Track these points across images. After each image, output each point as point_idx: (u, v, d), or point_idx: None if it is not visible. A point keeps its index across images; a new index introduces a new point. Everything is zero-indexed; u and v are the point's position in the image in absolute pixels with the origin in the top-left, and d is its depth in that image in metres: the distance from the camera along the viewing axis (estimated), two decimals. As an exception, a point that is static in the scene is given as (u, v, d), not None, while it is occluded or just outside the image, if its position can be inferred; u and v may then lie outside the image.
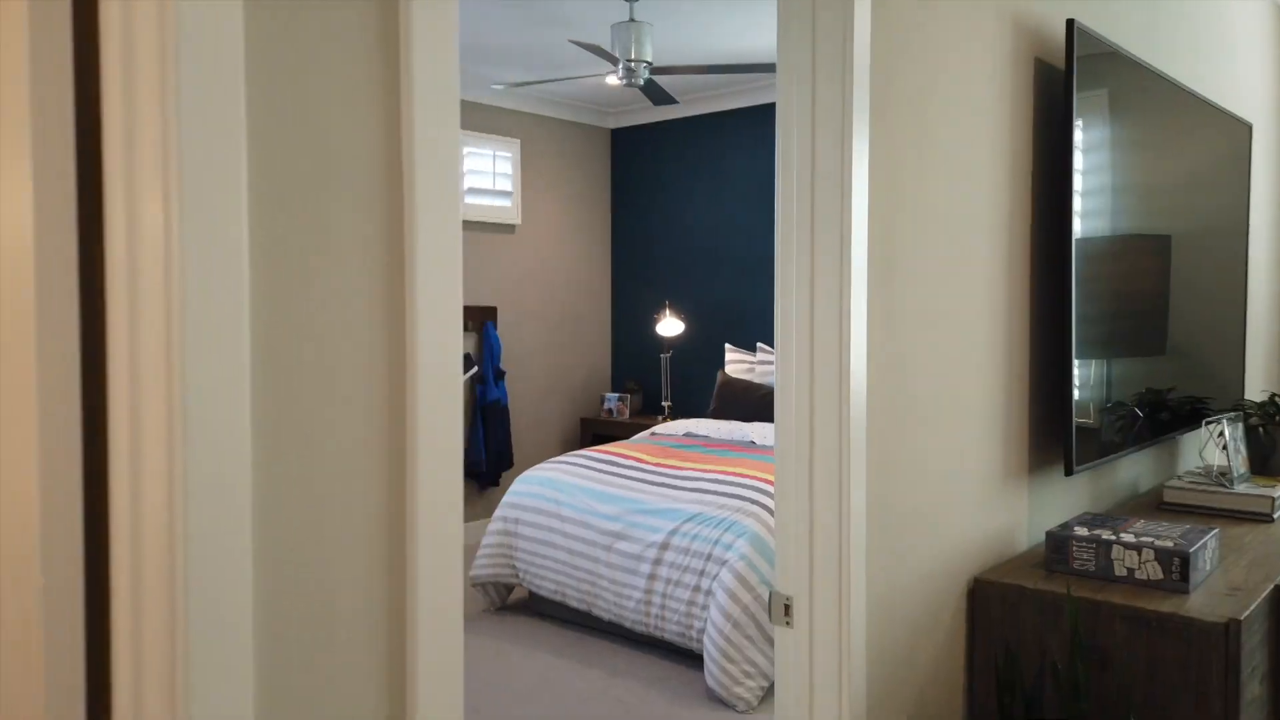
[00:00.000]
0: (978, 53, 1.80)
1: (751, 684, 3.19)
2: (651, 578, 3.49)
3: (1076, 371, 2.02)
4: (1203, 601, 1.69)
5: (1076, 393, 2.03)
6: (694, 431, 4.60)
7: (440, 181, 0.95)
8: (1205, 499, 2.41)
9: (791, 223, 1.51)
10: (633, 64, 3.65)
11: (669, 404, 5.64)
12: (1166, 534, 1.86)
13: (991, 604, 1.83)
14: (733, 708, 3.19)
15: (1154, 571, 1.77)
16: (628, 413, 5.77)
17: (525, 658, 3.63)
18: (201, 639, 0.78)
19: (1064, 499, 2.24)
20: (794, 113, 1.51)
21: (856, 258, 1.46)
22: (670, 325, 5.52)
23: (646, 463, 4.07)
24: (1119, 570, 1.81)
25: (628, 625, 3.59)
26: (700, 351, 5.71)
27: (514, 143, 5.45)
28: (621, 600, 3.59)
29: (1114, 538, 1.83)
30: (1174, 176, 2.56)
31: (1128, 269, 2.39)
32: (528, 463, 5.65)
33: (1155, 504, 2.52)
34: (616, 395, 5.78)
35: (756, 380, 4.89)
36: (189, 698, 0.77)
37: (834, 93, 1.46)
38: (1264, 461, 2.64)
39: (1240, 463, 2.49)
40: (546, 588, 3.88)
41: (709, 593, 3.33)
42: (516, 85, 3.82)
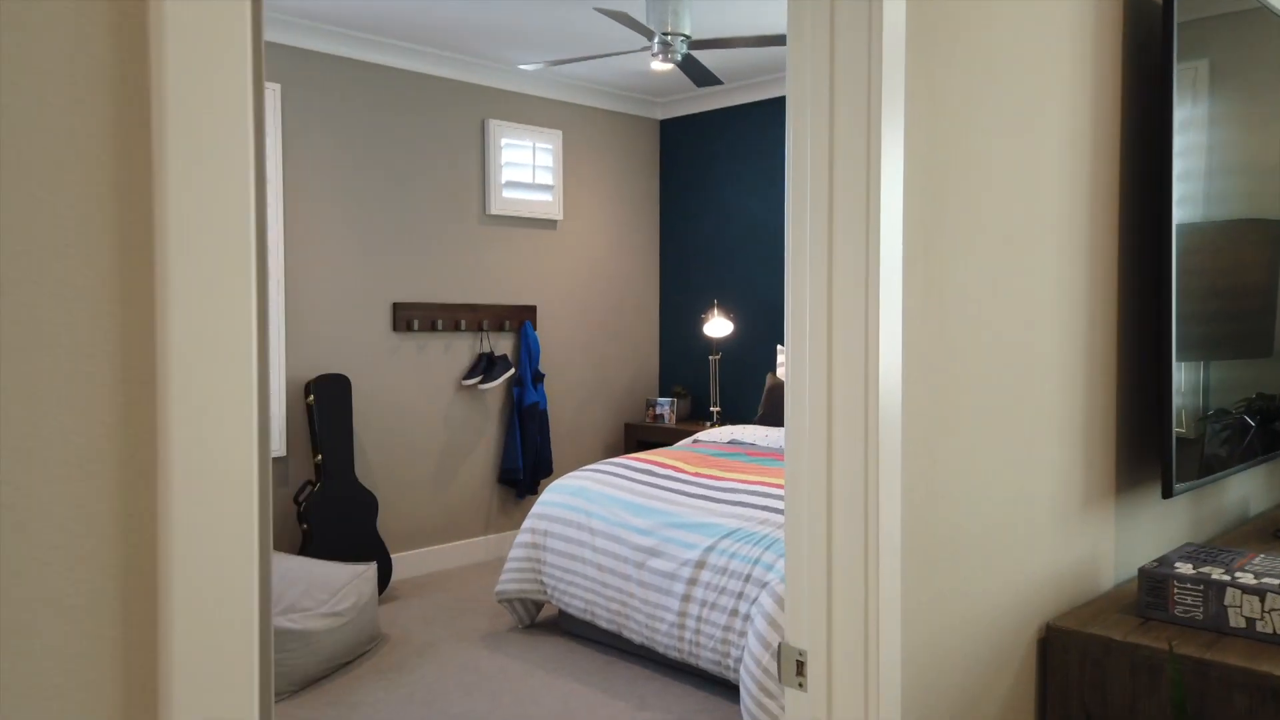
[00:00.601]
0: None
1: (793, 723, 2.85)
2: (686, 599, 3.18)
3: (1176, 374, 1.65)
4: (1348, 665, 1.31)
5: (1176, 398, 1.66)
6: (739, 439, 4.27)
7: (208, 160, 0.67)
8: (1335, 527, 1.99)
9: (805, 184, 1.19)
10: (669, 38, 3.35)
11: (717, 409, 5.31)
12: (1295, 574, 1.48)
13: (1069, 659, 1.48)
14: (771, 749, 2.86)
15: (1281, 623, 1.39)
16: (675, 418, 5.46)
17: (548, 684, 3.35)
18: None
19: (1160, 526, 1.86)
20: (807, 44, 1.19)
21: (886, 226, 1.14)
22: (719, 325, 5.20)
23: (684, 472, 3.76)
24: (1235, 621, 1.44)
25: (660, 650, 3.28)
26: (750, 353, 5.37)
27: (555, 134, 5.19)
28: (653, 622, 3.28)
29: (1228, 578, 1.46)
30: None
31: (1233, 258, 1.99)
32: (569, 470, 5.38)
33: (1271, 532, 2.11)
34: (667, 400, 5.47)
35: (809, 384, 4.53)
36: None
37: (858, 11, 1.14)
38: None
39: (1378, 484, 2.07)
40: (575, 606, 3.60)
41: (747, 618, 3.00)
42: (550, 64, 3.55)
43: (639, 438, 5.47)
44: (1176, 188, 1.65)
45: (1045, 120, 1.45)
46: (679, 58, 3.46)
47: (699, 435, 4.48)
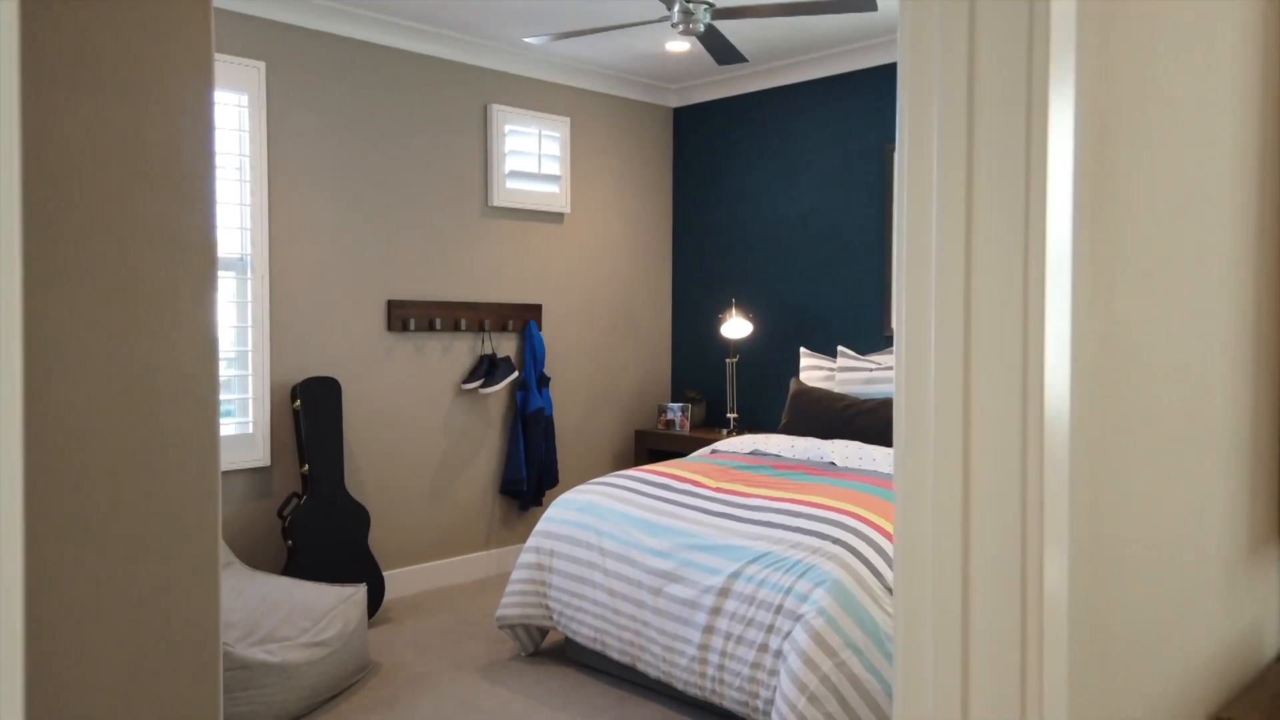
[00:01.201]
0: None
1: (832, 777, 2.51)
2: (708, 630, 2.84)
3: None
4: None
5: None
6: (762, 449, 3.93)
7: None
8: None
9: (929, 119, 0.86)
10: (691, 5, 3.02)
11: (734, 415, 4.97)
12: None
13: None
14: (808, 806, 2.52)
15: None
16: (688, 425, 5.12)
17: (554, 722, 3.01)
18: None
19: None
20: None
21: (1055, 179, 0.80)
22: (737, 326, 4.86)
23: (705, 486, 3.42)
24: None
25: (679, 687, 2.94)
26: (772, 356, 5.03)
27: (563, 121, 4.86)
28: (672, 656, 2.95)
29: None
30: None
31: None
32: (575, 480, 5.04)
33: None
34: (678, 405, 5.13)
35: (837, 389, 4.19)
36: None
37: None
38: None
39: None
40: (584, 634, 3.26)
41: (779, 654, 2.66)
42: (557, 37, 3.22)
43: (650, 446, 5.13)
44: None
45: (1220, 50, 1.12)
46: (701, 28, 3.13)
47: (717, 445, 4.14)
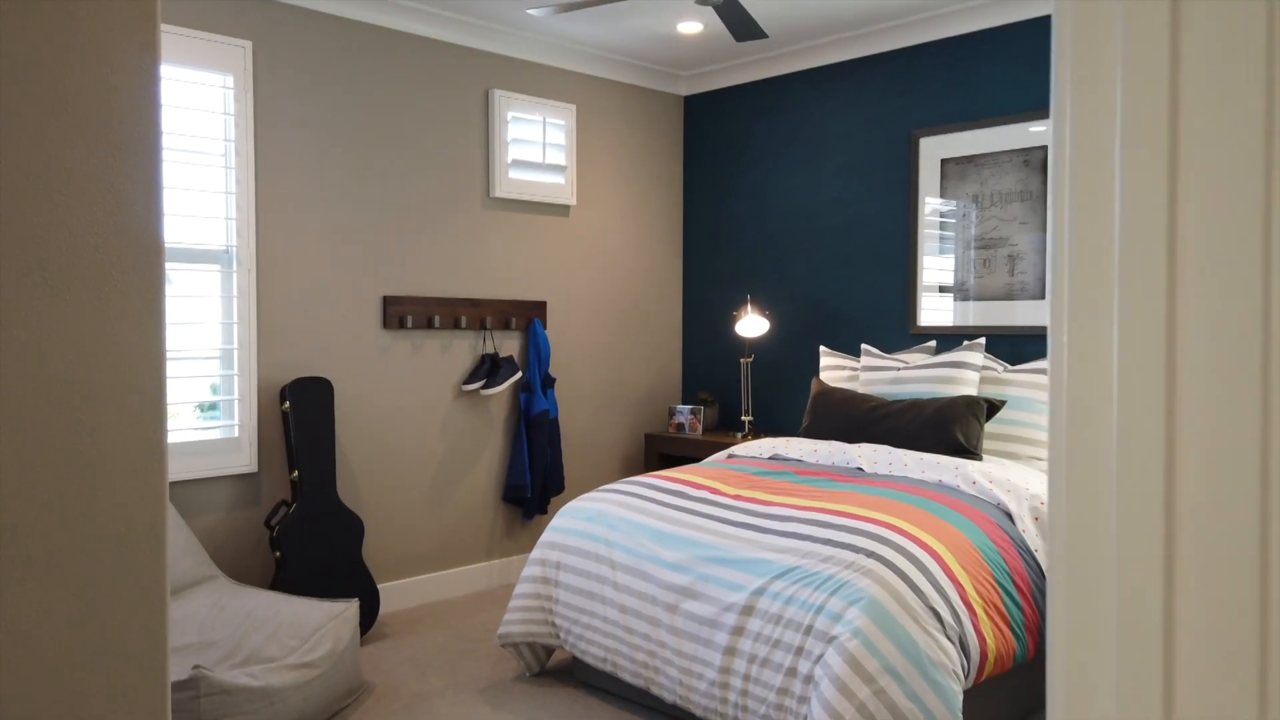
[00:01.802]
0: None
1: (871, 818, 2.27)
2: (730, 652, 2.59)
3: None
4: None
5: None
6: (783, 454, 3.68)
7: None
8: None
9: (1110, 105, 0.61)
10: (709, -29, 2.78)
11: (749, 418, 4.72)
12: None
13: None
14: None
15: None
16: (700, 428, 4.87)
17: (562, 751, 2.76)
18: None
19: None
20: None
21: None
22: (752, 324, 4.62)
23: (723, 494, 3.17)
24: None
25: (697, 713, 2.70)
26: (789, 356, 4.78)
27: (568, 109, 4.62)
28: (689, 679, 2.70)
29: None
30: None
31: None
32: (582, 487, 4.80)
33: None
34: (689, 408, 4.89)
35: (861, 390, 3.94)
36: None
37: None
38: None
39: None
40: (594, 654, 3.01)
41: (809, 680, 2.41)
42: (563, 7, 2.98)
43: (661, 450, 4.89)
44: None
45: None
46: (719, 1, 2.89)
47: (734, 449, 3.89)
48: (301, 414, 3.60)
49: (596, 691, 3.17)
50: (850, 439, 3.72)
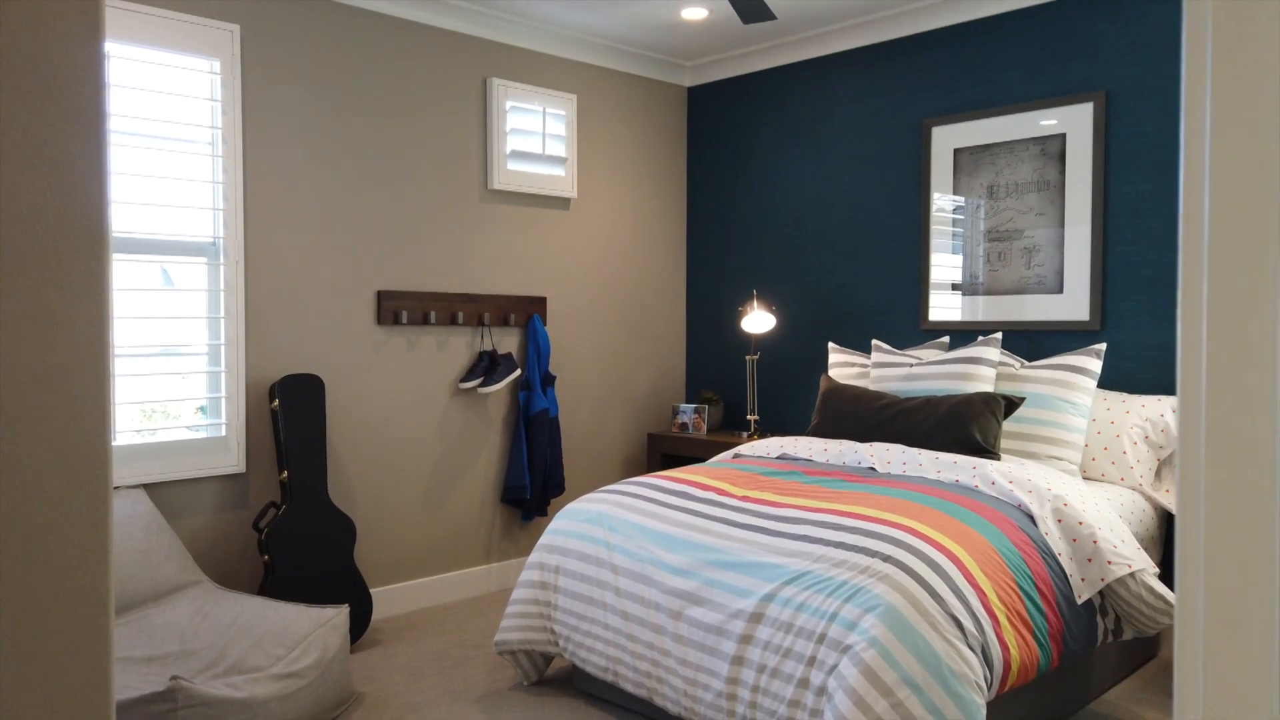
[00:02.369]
0: None
1: (889, 840, 2.12)
2: (737, 662, 2.45)
3: None
4: None
5: None
6: (791, 453, 3.54)
7: None
8: None
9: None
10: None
11: (755, 417, 4.58)
12: None
13: None
14: None
15: None
16: (705, 428, 4.73)
17: (561, 766, 2.62)
18: None
19: None
20: None
21: None
22: (758, 320, 4.48)
23: (729, 495, 3.03)
24: None
25: (703, 726, 2.55)
26: (796, 353, 4.64)
27: (569, 98, 4.49)
28: (694, 689, 2.56)
29: None
30: None
31: None
32: (583, 488, 4.66)
33: None
34: (693, 406, 4.75)
35: (872, 387, 3.80)
36: None
37: None
38: None
39: None
40: (594, 663, 2.87)
41: (822, 692, 2.27)
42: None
43: (664, 450, 4.75)
44: None
45: None
46: (726, -24, 2.75)
47: (740, 449, 3.75)
48: (291, 412, 3.47)
49: (597, 702, 3.03)
50: (861, 438, 3.57)
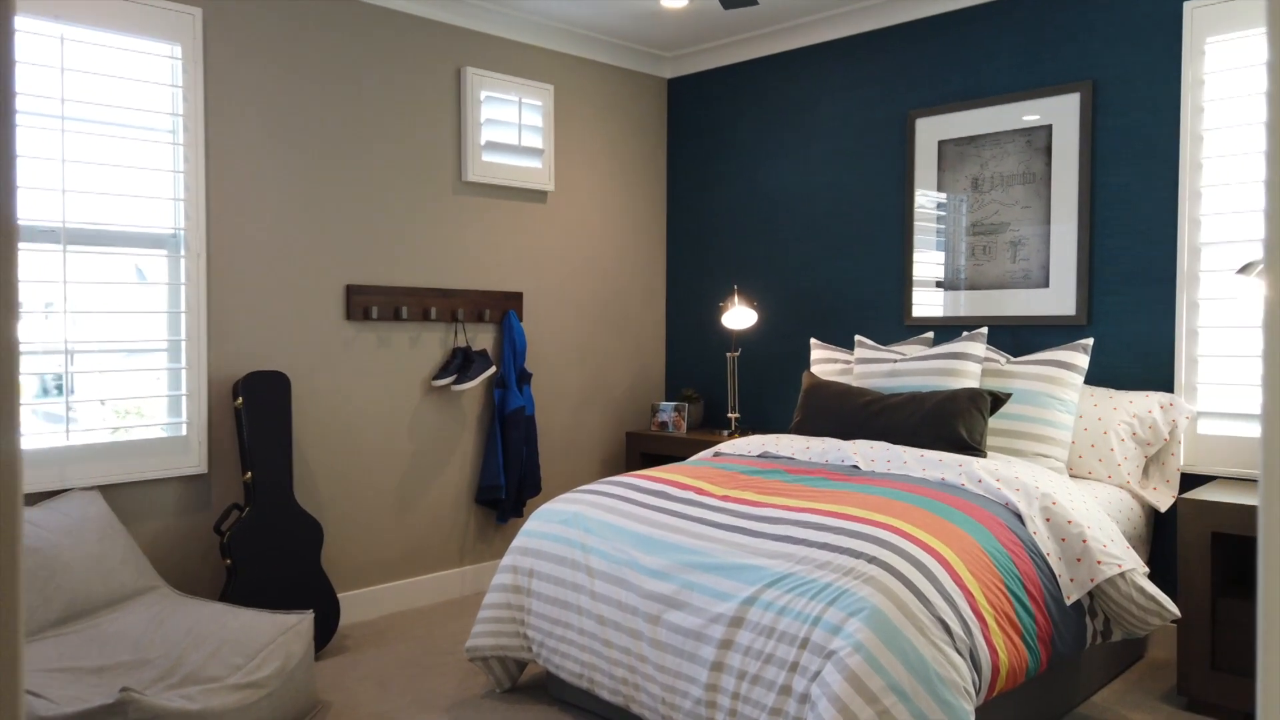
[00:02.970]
0: None
1: None
2: (717, 668, 2.36)
3: None
4: None
5: None
6: (773, 451, 3.45)
7: None
8: None
9: None
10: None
11: (736, 415, 4.49)
12: None
13: None
14: None
15: None
16: (684, 426, 4.64)
17: (533, 778, 2.52)
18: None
19: None
20: None
21: None
22: (739, 316, 4.38)
23: (709, 495, 2.93)
24: None
25: (681, 735, 2.45)
26: (777, 349, 4.55)
27: (546, 89, 4.38)
28: (673, 697, 2.46)
29: None
30: None
31: None
32: (560, 488, 4.55)
33: None
34: (673, 404, 4.65)
35: (855, 383, 3.71)
36: None
37: None
38: None
39: None
40: (569, 669, 2.76)
41: (805, 699, 2.18)
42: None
43: (643, 449, 4.65)
44: None
45: None
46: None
47: (720, 447, 3.66)
48: (256, 411, 3.34)
49: (571, 709, 2.92)
50: (845, 435, 3.48)
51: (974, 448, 3.16)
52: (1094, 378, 3.54)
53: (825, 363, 3.99)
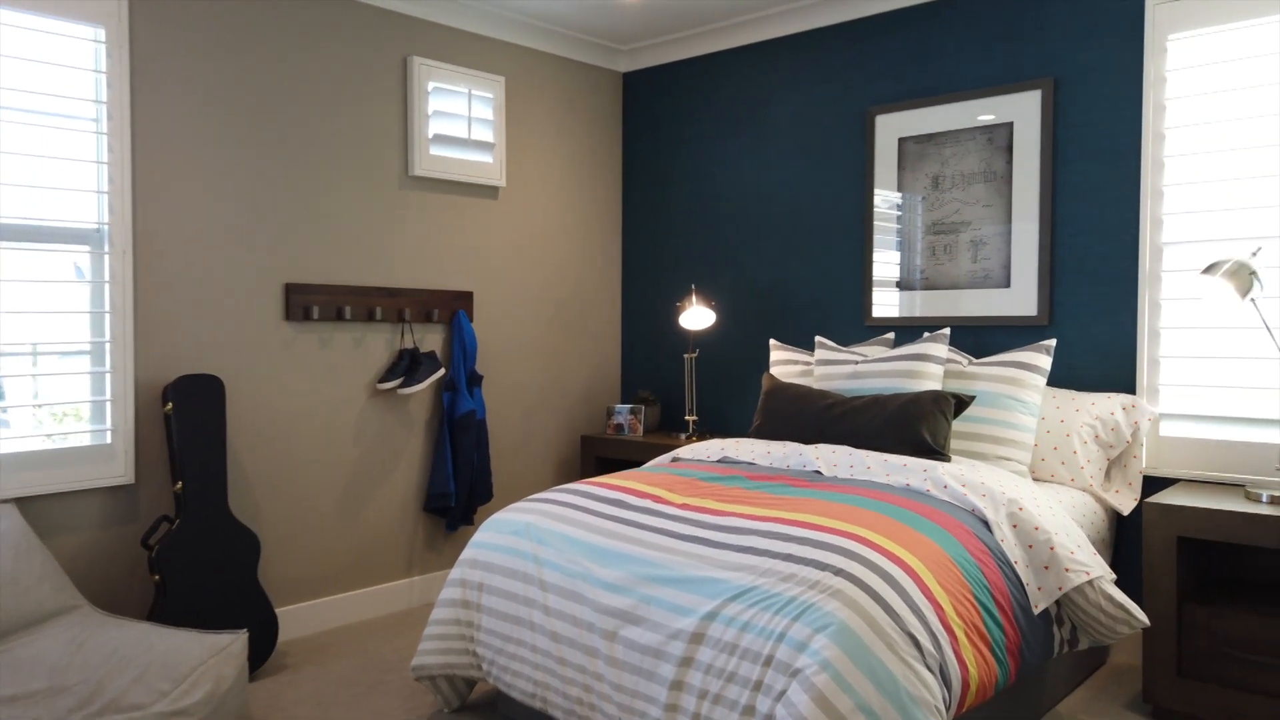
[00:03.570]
0: None
1: None
2: (677, 687, 2.24)
3: None
4: None
5: None
6: (733, 456, 3.35)
7: None
8: None
9: None
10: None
11: (694, 418, 4.38)
12: None
13: None
14: None
15: None
16: (641, 429, 4.52)
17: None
18: None
19: None
20: None
21: None
22: (697, 316, 4.28)
23: (667, 503, 2.82)
24: None
25: (640, 758, 2.33)
26: (736, 351, 4.45)
27: (496, 81, 4.23)
28: (631, 717, 2.34)
29: None
30: None
31: None
32: (513, 495, 4.40)
33: None
34: (629, 407, 4.53)
35: (816, 385, 3.62)
36: None
37: None
38: None
39: None
40: (521, 688, 2.63)
41: (770, 719, 2.07)
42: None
43: (599, 453, 4.52)
44: None
45: None
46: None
47: (679, 452, 3.54)
48: (187, 417, 3.14)
49: (525, 729, 2.78)
50: (806, 439, 3.39)
51: (938, 451, 3.08)
52: (1056, 379, 3.49)
53: (785, 364, 3.89)
